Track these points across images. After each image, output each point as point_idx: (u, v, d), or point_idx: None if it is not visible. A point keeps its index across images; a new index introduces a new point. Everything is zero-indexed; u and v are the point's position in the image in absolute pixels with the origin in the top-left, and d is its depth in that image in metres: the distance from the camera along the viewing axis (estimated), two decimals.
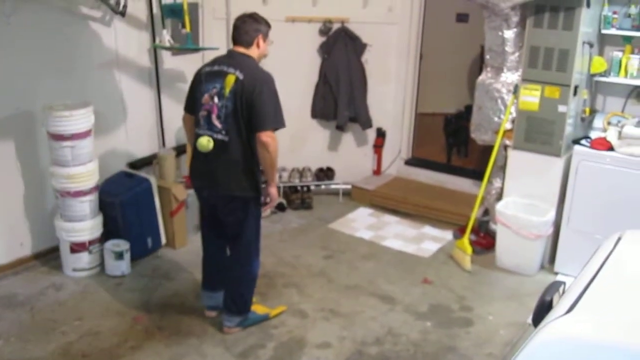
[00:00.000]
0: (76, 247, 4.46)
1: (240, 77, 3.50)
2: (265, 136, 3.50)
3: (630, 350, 1.64)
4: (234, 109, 3.50)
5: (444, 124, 6.86)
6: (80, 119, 4.26)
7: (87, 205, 4.45)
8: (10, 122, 4.34)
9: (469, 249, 4.81)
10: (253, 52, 3.65)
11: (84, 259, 4.51)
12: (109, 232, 4.66)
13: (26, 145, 4.47)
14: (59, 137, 4.24)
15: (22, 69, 4.32)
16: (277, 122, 3.56)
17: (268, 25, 3.71)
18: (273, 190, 3.75)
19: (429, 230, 5.52)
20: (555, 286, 2.16)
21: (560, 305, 1.84)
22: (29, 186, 4.54)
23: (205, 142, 3.53)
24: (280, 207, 5.81)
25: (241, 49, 3.64)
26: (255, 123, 3.50)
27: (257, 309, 4.04)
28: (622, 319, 1.78)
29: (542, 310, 2.01)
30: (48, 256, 4.71)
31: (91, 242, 4.51)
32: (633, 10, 4.41)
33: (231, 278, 3.87)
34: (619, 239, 2.28)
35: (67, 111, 4.21)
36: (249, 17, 3.66)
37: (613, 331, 1.71)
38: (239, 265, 3.84)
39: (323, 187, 6.23)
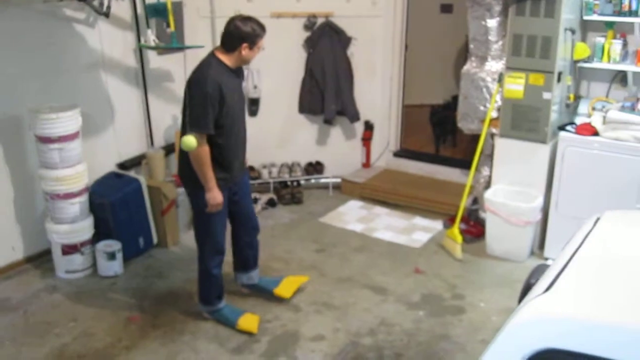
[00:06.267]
0: (68, 249, 4.47)
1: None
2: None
3: (606, 326, 1.67)
4: (183, 107, 3.63)
5: (430, 115, 6.88)
6: (67, 121, 4.26)
7: (77, 207, 4.46)
8: None
9: (459, 238, 4.85)
10: (231, 57, 3.59)
11: (76, 260, 4.51)
12: (101, 233, 4.66)
13: (14, 149, 4.47)
14: (47, 140, 4.24)
15: (7, 73, 4.32)
16: (194, 126, 3.49)
17: (261, 31, 3.61)
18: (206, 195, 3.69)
19: (419, 220, 5.55)
20: (540, 269, 2.20)
21: (539, 285, 1.87)
22: (18, 190, 4.54)
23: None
24: (270, 203, 5.82)
25: (219, 51, 3.62)
26: (184, 123, 3.59)
27: (246, 319, 3.97)
28: (598, 296, 1.81)
29: (527, 293, 2.04)
30: (40, 259, 4.71)
31: (83, 244, 4.52)
32: None
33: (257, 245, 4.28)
34: (598, 219, 2.32)
35: (54, 113, 4.21)
36: (240, 22, 3.57)
37: (589, 308, 1.74)
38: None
39: (313, 181, 6.26)
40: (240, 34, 3.53)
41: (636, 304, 1.76)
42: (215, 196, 3.64)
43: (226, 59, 3.59)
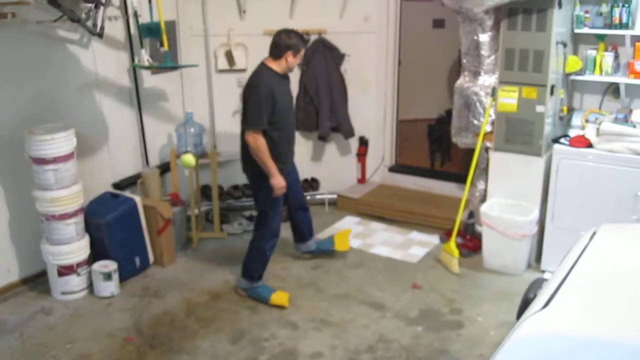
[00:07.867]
0: (64, 270, 4.45)
1: (244, 82, 4.24)
2: (247, 135, 4.10)
3: (604, 342, 1.66)
4: (242, 109, 4.23)
5: (428, 131, 6.90)
6: (62, 142, 4.26)
7: (72, 227, 4.44)
8: None
9: (456, 252, 4.84)
10: (279, 64, 4.16)
11: (73, 281, 4.49)
12: (97, 253, 4.65)
13: (9, 171, 4.46)
14: (42, 161, 4.23)
15: (1, 95, 4.32)
16: (250, 124, 4.08)
17: (303, 43, 4.23)
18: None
19: (415, 235, 5.55)
20: (537, 283, 2.19)
21: (537, 301, 1.86)
22: (14, 211, 4.53)
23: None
24: None
25: (268, 60, 4.19)
26: (243, 121, 4.18)
27: (278, 296, 4.42)
28: (597, 312, 1.80)
29: (526, 307, 2.03)
30: (36, 281, 4.69)
31: (79, 265, 4.50)
32: (604, 8, 4.47)
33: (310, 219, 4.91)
34: (594, 233, 2.32)
35: (49, 135, 4.21)
36: (285, 34, 4.16)
37: (588, 324, 1.73)
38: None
39: (309, 197, 6.23)
40: (286, 44, 4.13)
41: (636, 319, 1.75)
42: (279, 180, 4.20)
43: (275, 66, 4.18)
